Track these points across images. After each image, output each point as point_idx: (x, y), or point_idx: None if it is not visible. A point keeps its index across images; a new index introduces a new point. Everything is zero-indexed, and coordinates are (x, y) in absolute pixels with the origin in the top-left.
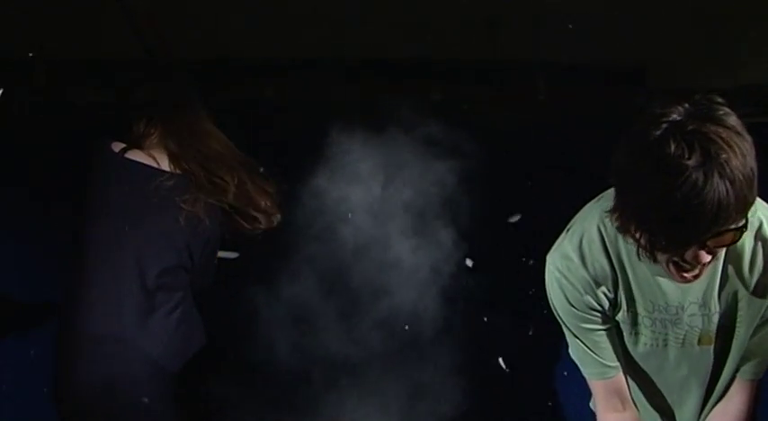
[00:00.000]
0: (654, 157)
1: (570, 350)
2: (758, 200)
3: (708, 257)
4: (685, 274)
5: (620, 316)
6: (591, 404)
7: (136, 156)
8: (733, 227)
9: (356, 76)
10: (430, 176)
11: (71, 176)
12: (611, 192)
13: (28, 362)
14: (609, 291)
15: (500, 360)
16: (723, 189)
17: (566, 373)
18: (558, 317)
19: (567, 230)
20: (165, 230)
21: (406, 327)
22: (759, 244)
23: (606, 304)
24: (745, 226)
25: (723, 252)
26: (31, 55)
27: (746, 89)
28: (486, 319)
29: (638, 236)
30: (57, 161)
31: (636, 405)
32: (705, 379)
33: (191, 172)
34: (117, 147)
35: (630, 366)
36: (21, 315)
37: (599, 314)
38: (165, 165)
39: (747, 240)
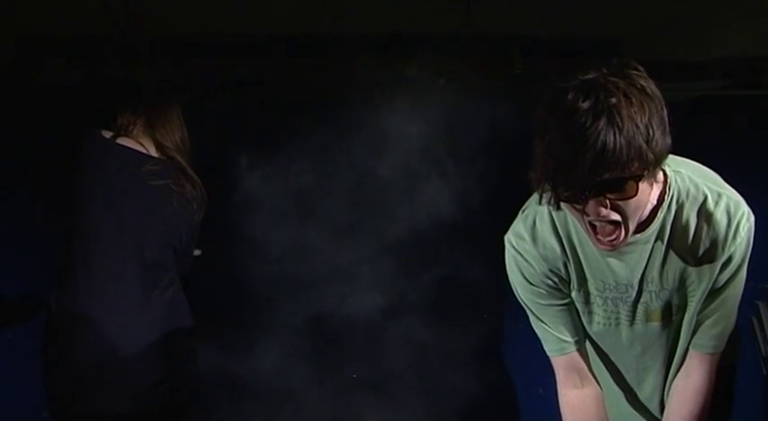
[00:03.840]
0: (553, 104)
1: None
2: (706, 172)
3: (609, 213)
4: (600, 237)
5: (574, 295)
6: None
7: (126, 142)
8: (629, 175)
9: (331, 51)
10: (409, 152)
11: (48, 160)
12: None
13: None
14: (559, 269)
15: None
16: (611, 133)
17: None
18: (517, 296)
19: (523, 211)
20: (160, 209)
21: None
22: (703, 219)
23: (559, 281)
24: (641, 177)
25: (668, 228)
26: None
27: (720, 62)
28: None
29: (544, 185)
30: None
31: (600, 384)
32: (660, 356)
33: (174, 159)
34: (107, 134)
35: (590, 346)
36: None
37: (554, 291)
38: (152, 151)
39: (692, 215)
